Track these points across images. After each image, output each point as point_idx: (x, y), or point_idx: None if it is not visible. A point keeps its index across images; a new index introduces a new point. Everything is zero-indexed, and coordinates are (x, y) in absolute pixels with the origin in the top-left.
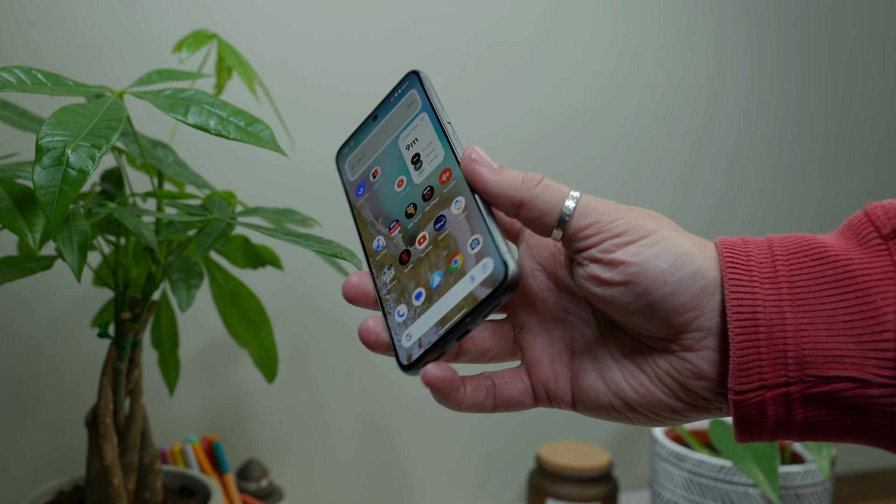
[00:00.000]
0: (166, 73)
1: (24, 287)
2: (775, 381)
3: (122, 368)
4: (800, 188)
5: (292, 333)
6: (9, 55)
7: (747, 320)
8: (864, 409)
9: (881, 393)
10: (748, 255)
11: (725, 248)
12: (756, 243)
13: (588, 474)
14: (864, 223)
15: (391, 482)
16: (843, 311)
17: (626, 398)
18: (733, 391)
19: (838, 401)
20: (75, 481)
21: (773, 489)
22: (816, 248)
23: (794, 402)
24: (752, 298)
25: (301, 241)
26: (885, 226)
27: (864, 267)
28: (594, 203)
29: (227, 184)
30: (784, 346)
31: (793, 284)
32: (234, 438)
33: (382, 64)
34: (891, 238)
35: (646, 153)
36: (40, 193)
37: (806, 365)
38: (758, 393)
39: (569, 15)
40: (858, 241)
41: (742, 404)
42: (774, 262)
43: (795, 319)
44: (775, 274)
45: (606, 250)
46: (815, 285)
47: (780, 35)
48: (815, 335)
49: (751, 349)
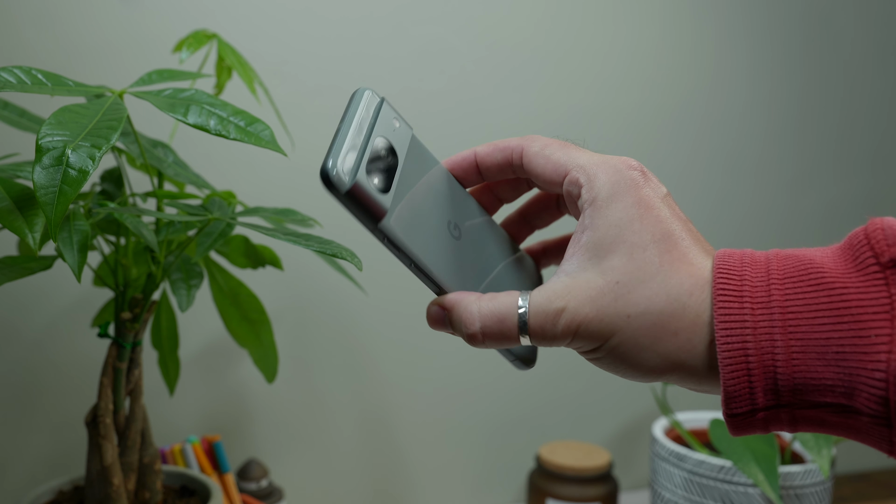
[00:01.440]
0: (166, 73)
1: (24, 287)
2: (766, 404)
3: (122, 368)
4: (800, 188)
5: (292, 333)
6: (9, 55)
7: (737, 350)
8: (854, 428)
9: (871, 421)
10: (742, 279)
11: (720, 272)
12: (753, 265)
13: (588, 474)
14: (863, 245)
15: (391, 482)
16: (836, 342)
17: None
18: (726, 414)
19: (827, 420)
20: (75, 481)
21: (773, 489)
22: (813, 272)
23: (783, 419)
24: (741, 327)
25: (301, 241)
26: (883, 253)
27: (861, 297)
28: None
29: (227, 184)
30: (775, 374)
31: (785, 310)
32: (234, 438)
33: (383, 64)
34: (889, 267)
35: (646, 153)
36: (40, 193)
37: (797, 392)
38: (749, 414)
39: (569, 15)
40: (856, 265)
41: (735, 418)
42: (769, 286)
43: (786, 347)
44: (769, 299)
45: (585, 352)
46: (809, 312)
47: (780, 35)
48: (805, 364)
49: (741, 378)
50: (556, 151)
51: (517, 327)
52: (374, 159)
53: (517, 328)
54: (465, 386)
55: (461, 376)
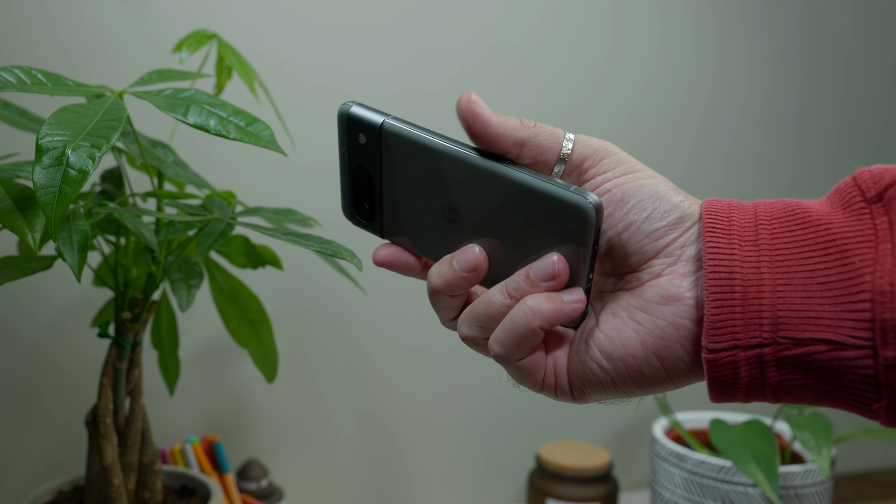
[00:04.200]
0: (166, 73)
1: (24, 287)
2: (749, 341)
3: (122, 368)
4: (800, 188)
5: (292, 333)
6: (9, 55)
7: (723, 279)
8: (838, 372)
9: (855, 355)
10: (730, 220)
11: (708, 212)
12: (741, 208)
13: (588, 474)
14: (850, 188)
15: (391, 482)
16: (822, 272)
17: (602, 348)
18: (706, 349)
19: (812, 363)
20: (75, 481)
21: (773, 489)
22: (800, 212)
23: (767, 364)
24: (729, 259)
25: (301, 241)
26: (869, 189)
27: (845, 230)
28: (589, 140)
29: (227, 184)
30: (759, 306)
31: (773, 247)
32: (234, 438)
33: (383, 65)
34: (874, 202)
35: (646, 153)
36: (40, 193)
37: (780, 326)
38: (731, 353)
39: (569, 16)
40: (843, 205)
41: (715, 363)
42: (757, 226)
43: (773, 281)
44: (756, 237)
45: (595, 184)
46: (796, 248)
47: (780, 35)
48: (791, 296)
49: (725, 308)
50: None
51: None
52: (358, 189)
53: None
54: (465, 386)
55: (461, 376)
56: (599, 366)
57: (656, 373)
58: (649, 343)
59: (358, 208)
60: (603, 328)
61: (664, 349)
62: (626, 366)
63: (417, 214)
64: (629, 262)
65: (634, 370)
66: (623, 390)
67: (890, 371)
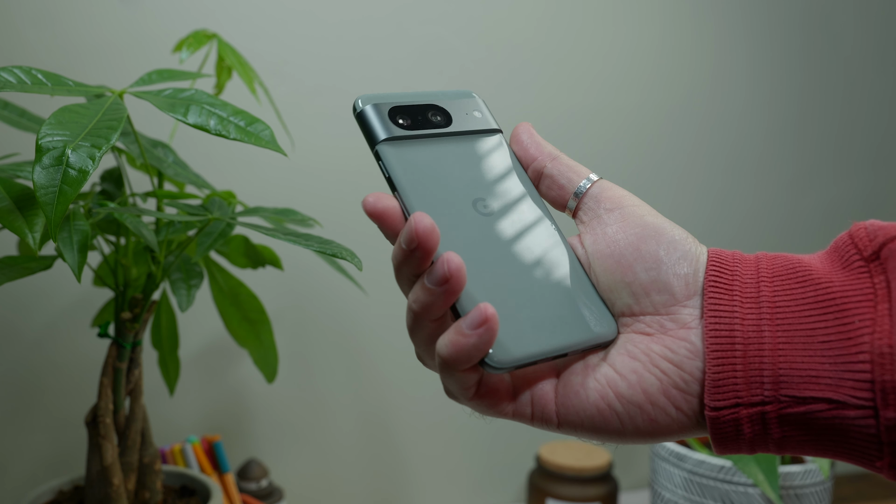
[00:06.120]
0: (166, 73)
1: (24, 287)
2: (751, 399)
3: (122, 368)
4: (800, 188)
5: (292, 333)
6: (9, 55)
7: (724, 338)
8: (840, 430)
9: (857, 415)
10: (733, 275)
11: (713, 264)
12: (744, 263)
13: (588, 474)
14: (847, 245)
15: (391, 482)
16: (822, 331)
17: (618, 390)
18: (709, 407)
19: (814, 422)
20: (75, 481)
21: (773, 489)
22: (801, 270)
23: (770, 421)
24: (730, 317)
25: (301, 241)
26: (866, 248)
27: (845, 289)
28: (611, 188)
29: (227, 184)
30: (760, 364)
31: (774, 305)
32: (234, 438)
33: (383, 64)
34: (872, 260)
35: (646, 153)
36: (40, 193)
37: (782, 384)
38: (733, 410)
39: (569, 15)
40: (842, 263)
41: (718, 421)
42: (759, 283)
43: (773, 339)
44: (758, 294)
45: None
46: (797, 306)
47: (780, 35)
48: (792, 355)
49: (726, 366)
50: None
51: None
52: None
53: None
54: None
55: None
56: (610, 407)
57: (670, 423)
58: (672, 394)
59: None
60: (619, 369)
61: (684, 402)
62: (642, 412)
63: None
64: (651, 301)
65: (650, 419)
66: (624, 436)
67: (892, 431)
